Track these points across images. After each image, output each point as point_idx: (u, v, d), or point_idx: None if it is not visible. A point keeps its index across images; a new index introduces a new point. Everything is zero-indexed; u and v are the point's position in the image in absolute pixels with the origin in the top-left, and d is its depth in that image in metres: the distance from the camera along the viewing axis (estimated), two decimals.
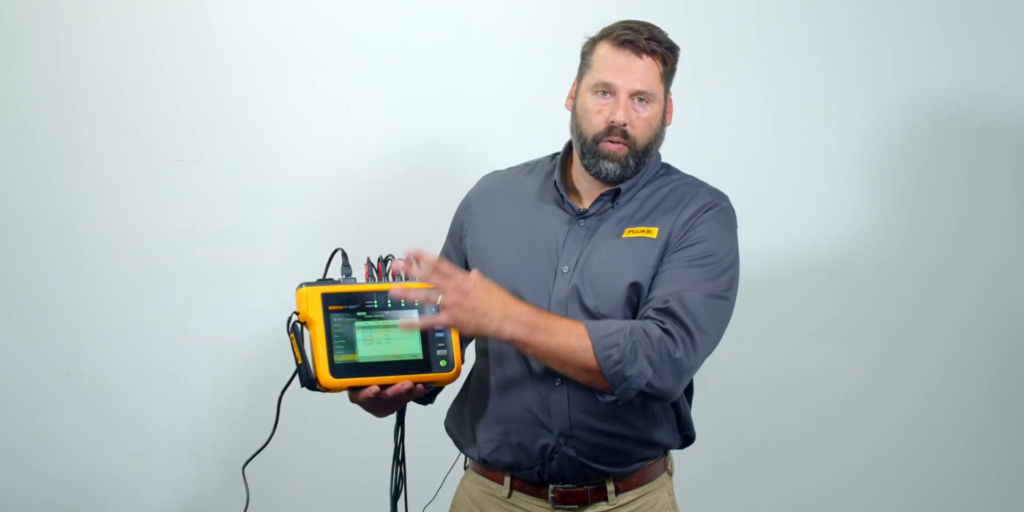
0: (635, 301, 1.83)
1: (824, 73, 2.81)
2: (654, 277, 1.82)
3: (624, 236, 1.86)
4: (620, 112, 1.82)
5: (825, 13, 2.81)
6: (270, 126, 2.84)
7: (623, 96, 1.82)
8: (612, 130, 1.83)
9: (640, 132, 1.84)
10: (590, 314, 1.83)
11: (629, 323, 1.74)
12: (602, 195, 1.88)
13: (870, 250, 2.84)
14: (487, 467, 1.95)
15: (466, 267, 1.99)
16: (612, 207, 1.89)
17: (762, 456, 2.89)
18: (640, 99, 1.83)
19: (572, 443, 1.84)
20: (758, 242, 2.74)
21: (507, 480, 1.92)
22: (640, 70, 1.83)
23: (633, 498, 1.91)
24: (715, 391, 2.48)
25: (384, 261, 1.81)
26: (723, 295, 1.82)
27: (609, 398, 1.78)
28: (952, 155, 2.83)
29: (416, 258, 1.71)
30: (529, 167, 2.02)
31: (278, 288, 2.25)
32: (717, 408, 2.80)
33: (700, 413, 2.03)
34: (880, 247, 2.83)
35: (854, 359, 2.86)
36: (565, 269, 1.85)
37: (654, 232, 1.85)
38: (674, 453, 2.02)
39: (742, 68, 2.82)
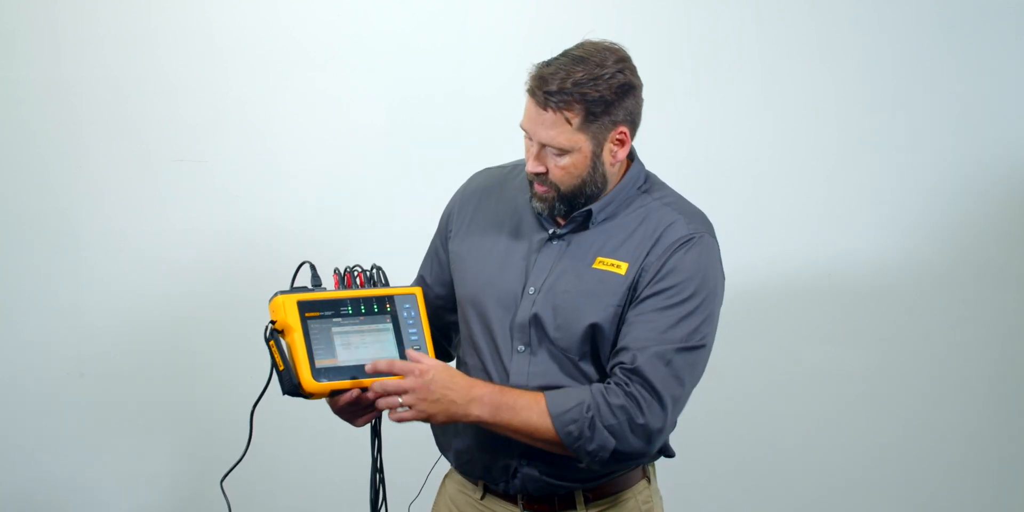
0: (594, 339, 1.79)
1: (824, 73, 2.81)
2: (621, 318, 1.77)
3: (594, 266, 1.79)
4: (530, 162, 1.77)
5: (825, 13, 2.81)
6: (270, 126, 2.84)
7: (534, 146, 1.76)
8: (530, 175, 1.79)
9: (558, 178, 1.76)
10: (551, 342, 1.80)
11: (589, 392, 1.72)
12: (575, 216, 1.82)
13: (870, 250, 2.83)
14: (461, 471, 1.96)
15: (449, 268, 1.97)
16: (588, 227, 1.82)
17: (761, 457, 2.89)
18: (554, 151, 1.74)
19: (534, 463, 1.83)
20: (757, 242, 2.74)
21: (481, 484, 1.93)
22: (546, 123, 1.72)
23: (605, 507, 1.88)
24: (715, 392, 2.47)
25: (351, 271, 1.84)
26: (698, 344, 1.75)
27: (581, 465, 1.77)
28: (951, 154, 2.83)
29: (376, 371, 1.73)
30: (519, 170, 1.96)
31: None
32: (717, 409, 2.80)
33: (699, 414, 2.03)
34: (880, 247, 2.83)
35: (854, 360, 2.86)
36: (531, 290, 1.82)
37: (623, 268, 1.77)
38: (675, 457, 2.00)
39: (742, 68, 2.82)
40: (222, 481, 1.93)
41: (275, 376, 1.77)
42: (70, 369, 2.89)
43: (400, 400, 1.70)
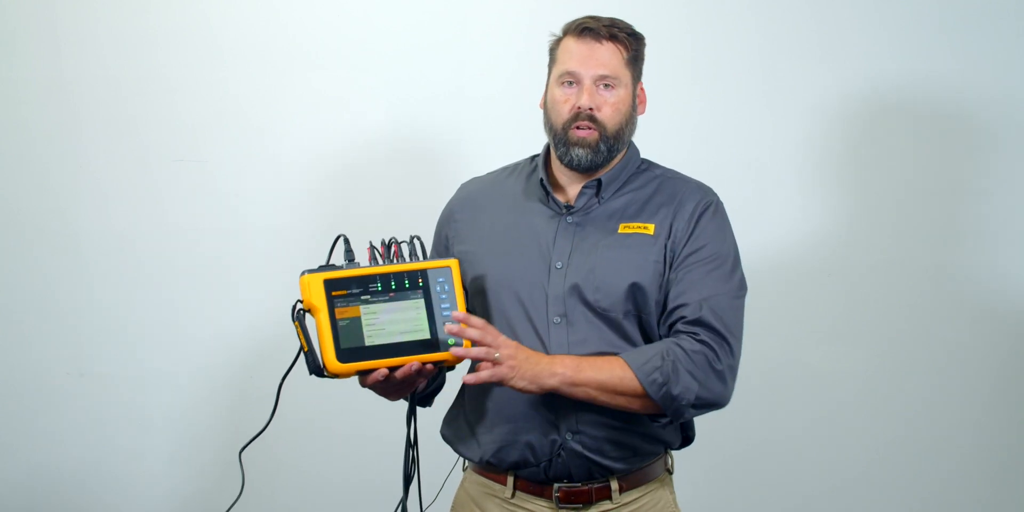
0: (636, 298, 1.84)
1: (824, 72, 2.81)
2: (667, 282, 1.85)
3: (620, 231, 1.87)
4: (584, 97, 1.84)
5: (826, 13, 2.81)
6: (270, 126, 2.84)
7: (587, 82, 1.85)
8: (579, 116, 1.85)
9: (608, 116, 1.86)
10: (591, 308, 1.84)
11: (663, 345, 1.79)
12: (584, 188, 1.90)
13: (870, 249, 2.83)
14: (490, 468, 1.94)
15: None
16: (598, 202, 1.90)
17: (762, 456, 2.89)
18: (605, 85, 1.85)
19: (578, 438, 1.85)
20: (757, 241, 2.74)
21: (510, 480, 1.92)
22: (602, 56, 1.85)
23: (637, 496, 1.91)
24: None
25: (388, 245, 1.81)
26: (741, 294, 1.89)
27: (664, 420, 1.86)
28: (954, 154, 2.83)
29: (463, 321, 1.72)
30: (508, 170, 2.03)
31: (278, 288, 2.25)
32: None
33: None
34: (880, 246, 2.83)
35: (854, 359, 2.86)
36: (559, 265, 1.87)
37: (650, 229, 1.87)
38: (674, 453, 2.02)
39: (742, 68, 2.81)
40: (241, 452, 1.92)
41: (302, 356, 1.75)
42: (70, 369, 2.89)
43: (497, 354, 1.71)
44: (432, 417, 2.08)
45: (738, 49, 2.81)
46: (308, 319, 1.77)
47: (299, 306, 1.76)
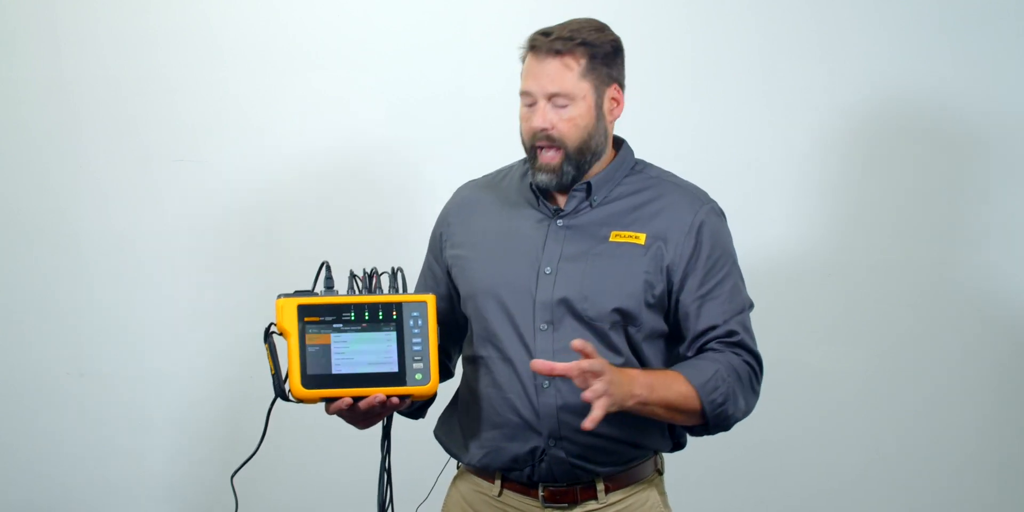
0: (624, 308, 1.83)
1: (824, 73, 2.81)
2: (679, 302, 1.85)
3: (611, 240, 1.85)
4: (536, 117, 1.82)
5: (826, 13, 2.81)
6: (270, 126, 2.84)
7: (541, 101, 1.82)
8: (536, 136, 1.83)
9: (565, 133, 1.81)
10: (578, 316, 1.83)
11: (718, 363, 1.81)
12: (573, 191, 1.87)
13: (870, 249, 2.83)
14: (478, 470, 1.95)
15: (448, 278, 1.99)
16: (590, 205, 1.88)
17: (761, 456, 2.89)
18: (559, 103, 1.81)
19: (562, 444, 1.84)
20: (757, 242, 2.74)
21: (498, 480, 1.93)
22: (551, 72, 1.81)
23: (623, 497, 1.90)
24: None
25: (369, 276, 1.81)
26: (752, 303, 1.92)
27: (697, 430, 1.87)
28: (953, 154, 2.83)
29: (583, 350, 1.66)
30: (502, 173, 2.02)
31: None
32: None
33: None
34: (880, 246, 2.83)
35: (854, 359, 2.86)
36: (548, 270, 1.85)
37: (642, 238, 1.85)
38: (667, 454, 2.01)
39: (742, 68, 2.81)
40: (232, 476, 1.93)
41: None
42: (70, 369, 2.89)
43: (599, 384, 1.65)
44: (431, 414, 2.08)
45: (738, 49, 2.81)
46: (281, 343, 1.78)
47: (272, 328, 1.77)
